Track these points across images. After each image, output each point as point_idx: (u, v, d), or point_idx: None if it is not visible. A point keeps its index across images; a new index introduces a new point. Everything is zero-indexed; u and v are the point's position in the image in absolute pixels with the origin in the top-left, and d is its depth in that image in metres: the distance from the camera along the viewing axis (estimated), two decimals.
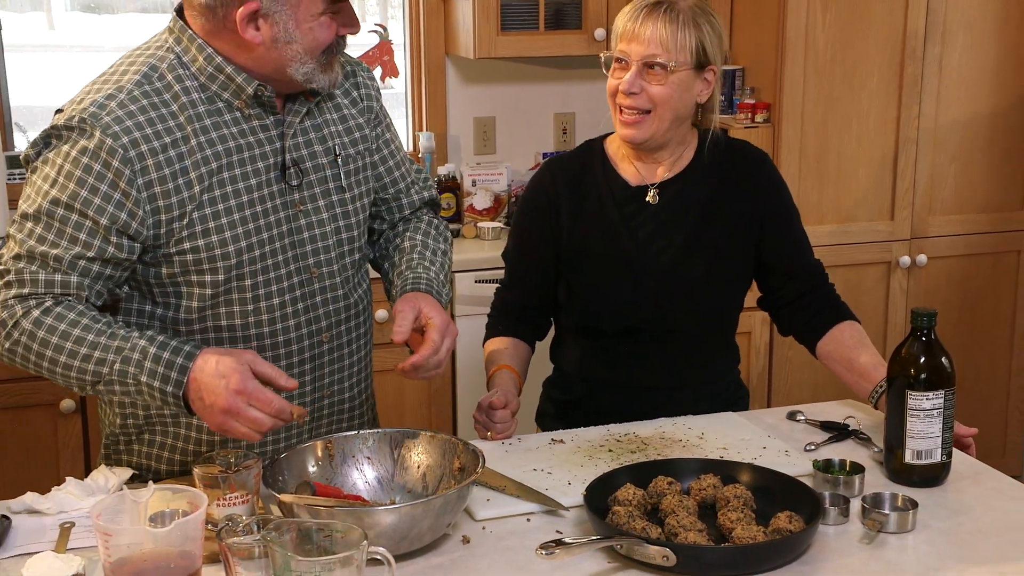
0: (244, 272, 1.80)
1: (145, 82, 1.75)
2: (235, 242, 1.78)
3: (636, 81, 2.03)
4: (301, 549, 1.41)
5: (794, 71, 3.44)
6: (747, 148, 2.21)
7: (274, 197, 1.83)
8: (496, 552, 1.61)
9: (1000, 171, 3.70)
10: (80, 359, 1.66)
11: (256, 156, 1.81)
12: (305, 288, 1.87)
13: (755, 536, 1.56)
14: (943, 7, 3.51)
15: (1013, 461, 3.89)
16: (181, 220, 1.74)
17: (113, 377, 1.66)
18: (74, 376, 1.68)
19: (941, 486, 1.82)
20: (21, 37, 3.55)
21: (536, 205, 2.20)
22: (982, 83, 3.62)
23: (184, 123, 1.75)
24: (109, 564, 1.43)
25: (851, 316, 2.16)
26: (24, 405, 2.97)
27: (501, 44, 3.49)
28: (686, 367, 2.17)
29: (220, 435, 1.81)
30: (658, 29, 2.01)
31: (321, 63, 1.79)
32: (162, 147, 1.72)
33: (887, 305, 3.66)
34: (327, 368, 1.93)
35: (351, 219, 1.93)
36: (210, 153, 1.76)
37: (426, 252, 2.01)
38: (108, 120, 1.69)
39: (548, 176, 2.20)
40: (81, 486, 1.76)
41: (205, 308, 1.81)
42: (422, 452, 1.77)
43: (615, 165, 2.17)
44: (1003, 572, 1.56)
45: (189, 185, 1.74)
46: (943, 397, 1.79)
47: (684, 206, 2.13)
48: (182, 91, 1.76)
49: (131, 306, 1.82)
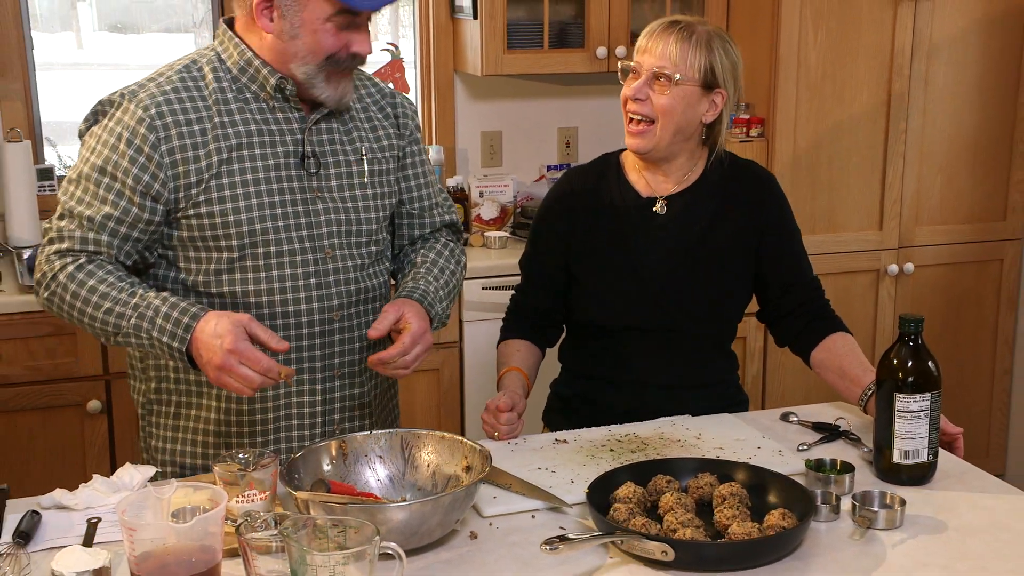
0: (257, 242, 1.87)
1: (184, 71, 1.89)
2: (248, 212, 1.86)
3: (643, 88, 2.06)
4: (316, 544, 1.41)
5: (787, 87, 3.44)
6: (753, 167, 2.23)
7: (291, 180, 1.90)
8: (502, 547, 1.61)
9: (983, 183, 3.70)
10: (103, 312, 1.78)
11: (276, 142, 1.89)
12: (319, 266, 1.92)
13: (750, 532, 1.56)
14: (928, 26, 3.51)
15: (996, 461, 3.88)
16: (199, 186, 1.83)
17: (129, 331, 1.77)
18: (98, 326, 1.80)
19: (928, 484, 1.82)
20: (51, 56, 3.56)
21: (554, 211, 2.23)
22: (966, 98, 3.61)
23: (211, 105, 1.86)
24: (133, 558, 1.43)
25: (844, 328, 2.16)
26: (53, 406, 2.97)
27: (507, 62, 3.50)
28: (685, 367, 2.18)
29: (225, 427, 1.93)
30: (670, 44, 2.04)
31: (325, 70, 1.85)
32: (187, 121, 1.83)
33: (876, 311, 3.65)
34: (337, 348, 1.96)
35: (370, 213, 1.98)
36: (231, 131, 1.86)
37: (433, 268, 2.03)
38: (143, 95, 1.83)
39: (566, 184, 2.24)
40: (107, 483, 1.76)
41: (221, 273, 1.88)
42: (432, 452, 1.77)
43: (628, 177, 2.18)
44: (986, 567, 1.55)
45: (208, 155, 1.84)
46: (930, 399, 1.79)
47: (689, 218, 2.14)
48: (215, 80, 1.88)
49: (158, 271, 1.92)
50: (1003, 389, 3.86)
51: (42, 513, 1.69)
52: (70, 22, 3.78)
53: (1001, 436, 3.89)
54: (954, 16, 3.54)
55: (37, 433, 2.98)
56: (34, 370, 2.94)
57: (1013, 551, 1.60)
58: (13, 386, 2.94)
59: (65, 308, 1.82)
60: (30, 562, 1.55)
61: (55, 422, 2.99)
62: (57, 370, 2.95)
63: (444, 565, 1.56)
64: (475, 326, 3.22)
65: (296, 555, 1.36)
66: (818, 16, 3.42)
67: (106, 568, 1.50)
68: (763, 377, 3.58)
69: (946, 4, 3.52)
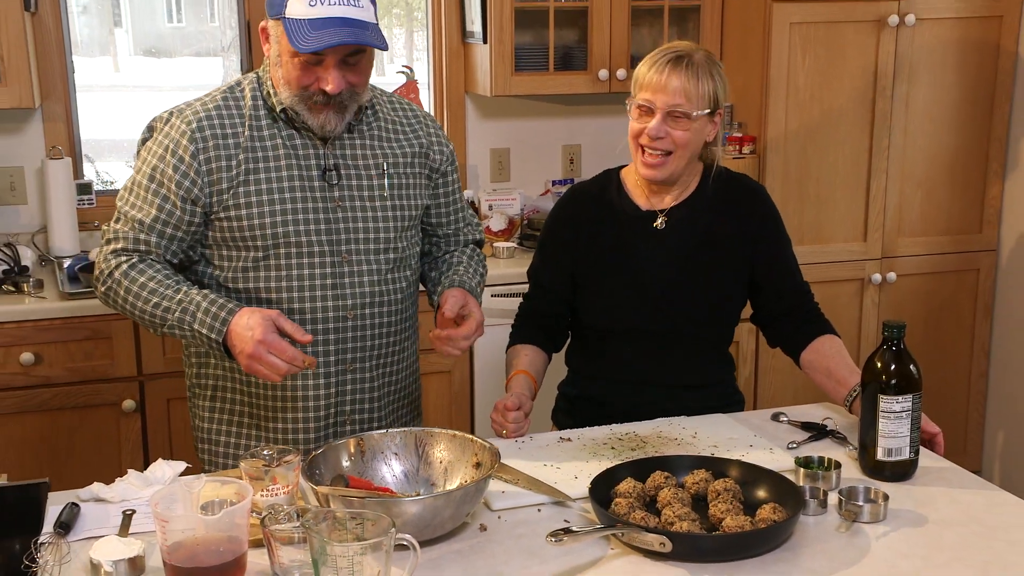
0: (279, 244, 1.93)
1: (228, 92, 1.98)
2: (271, 216, 1.92)
3: (662, 127, 2.03)
4: (336, 535, 1.41)
5: (777, 108, 3.44)
6: (746, 181, 2.22)
7: (314, 191, 1.95)
8: (510, 539, 1.61)
9: (961, 198, 3.69)
10: (152, 305, 1.87)
11: (300, 156, 1.95)
12: (336, 269, 1.97)
13: (743, 525, 1.56)
14: (910, 50, 3.50)
15: (973, 458, 3.86)
16: (229, 192, 1.91)
17: (174, 323, 1.86)
18: (147, 318, 1.89)
19: (909, 480, 1.82)
20: (91, 79, 3.57)
21: (560, 223, 2.23)
22: (944, 118, 3.61)
23: (246, 121, 1.94)
24: (165, 547, 1.43)
25: (832, 331, 2.16)
26: (90, 405, 2.97)
27: (515, 83, 3.49)
28: (684, 368, 2.17)
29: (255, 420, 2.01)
30: (682, 82, 2.01)
31: (304, 101, 1.89)
32: (223, 135, 1.92)
33: (860, 318, 3.64)
34: (349, 344, 2.00)
35: (389, 223, 2.02)
36: (258, 145, 1.93)
37: (469, 268, 2.13)
38: (188, 112, 1.94)
39: (571, 199, 2.24)
40: (141, 477, 1.76)
41: (248, 271, 1.95)
42: (444, 449, 1.77)
43: (629, 192, 2.18)
44: (963, 558, 1.55)
45: (238, 165, 1.92)
46: (911, 400, 1.78)
47: (687, 229, 2.14)
48: (252, 100, 1.96)
49: (198, 267, 2.00)
50: (979, 391, 3.85)
51: (81, 505, 1.69)
52: (108, 48, 3.79)
53: (977, 435, 3.88)
54: (932, 42, 3.53)
55: (76, 430, 2.98)
56: (73, 371, 2.95)
57: (987, 543, 1.60)
58: (54, 386, 2.94)
59: (119, 302, 1.91)
60: (70, 551, 1.55)
61: (92, 420, 2.99)
62: (94, 372, 2.96)
63: (455, 555, 1.56)
64: (486, 332, 3.21)
65: (317, 546, 1.36)
66: (806, 41, 3.42)
67: (140, 557, 1.50)
68: (755, 379, 3.57)
69: (925, 30, 3.51)
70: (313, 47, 1.80)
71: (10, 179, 3.37)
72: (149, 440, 3.05)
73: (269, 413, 2.01)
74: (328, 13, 1.80)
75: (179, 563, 1.43)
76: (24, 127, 3.36)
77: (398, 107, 2.11)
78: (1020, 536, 1.62)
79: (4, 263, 3.12)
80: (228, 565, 1.44)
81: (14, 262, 3.14)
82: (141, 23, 4.04)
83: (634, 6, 3.56)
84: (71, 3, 3.45)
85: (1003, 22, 3.58)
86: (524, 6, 3.49)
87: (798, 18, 3.39)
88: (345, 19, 1.80)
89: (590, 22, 3.53)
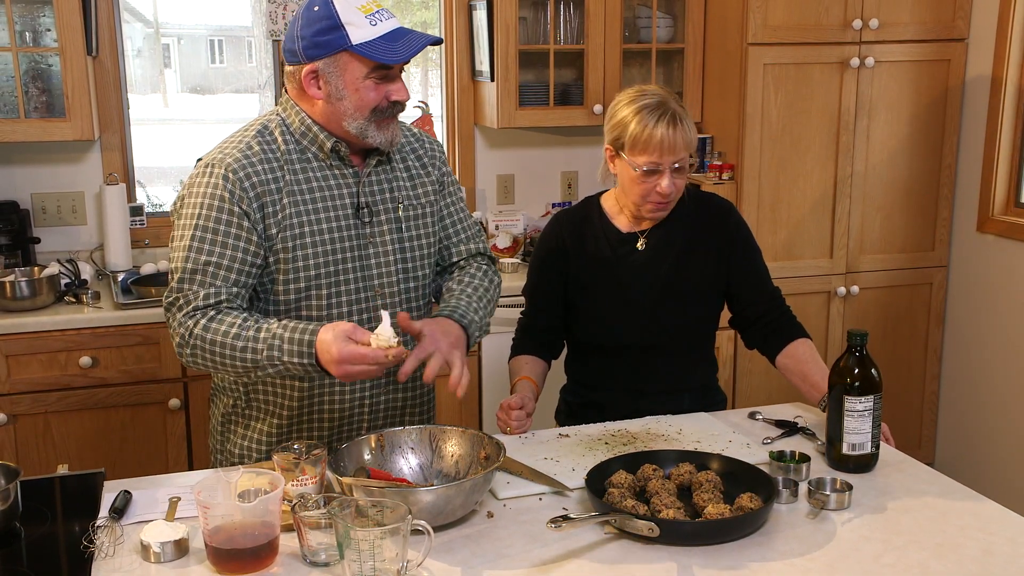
0: (320, 282, 1.83)
1: (259, 136, 1.83)
2: (314, 257, 1.82)
3: (672, 184, 2.00)
4: (358, 521, 1.40)
5: (752, 139, 3.44)
6: (715, 199, 2.20)
7: (349, 229, 1.86)
8: (515, 525, 1.60)
9: (916, 220, 3.68)
10: (239, 351, 1.71)
11: (335, 196, 1.85)
12: (370, 302, 1.89)
13: (723, 512, 1.55)
14: (869, 89, 3.50)
15: (927, 451, 3.85)
16: (278, 236, 1.79)
17: (264, 361, 1.70)
18: (239, 364, 1.72)
19: (871, 472, 1.81)
20: (143, 113, 3.57)
21: (549, 248, 2.20)
22: (900, 150, 3.60)
23: (283, 165, 1.81)
24: (207, 531, 1.43)
25: (804, 334, 2.14)
26: (140, 403, 2.97)
27: (519, 116, 3.50)
28: (670, 374, 2.16)
29: (288, 423, 1.90)
30: (681, 137, 1.96)
31: (373, 120, 1.80)
32: (265, 180, 1.79)
33: (827, 326, 3.63)
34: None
35: (411, 253, 1.93)
36: (297, 189, 1.81)
37: (467, 288, 1.97)
38: (229, 161, 1.78)
39: (556, 226, 2.20)
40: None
41: (291, 303, 1.84)
42: (455, 444, 1.76)
43: (610, 217, 2.16)
44: (918, 540, 1.54)
45: (283, 209, 1.80)
46: (873, 401, 1.78)
47: (665, 248, 2.12)
48: (283, 143, 1.83)
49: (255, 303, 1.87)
50: (932, 392, 3.83)
51: (133, 493, 1.69)
52: (158, 86, 3.80)
53: (931, 431, 3.86)
54: (890, 82, 3.53)
55: (128, 426, 2.98)
56: (125, 373, 2.95)
57: (939, 527, 1.59)
58: (108, 387, 2.94)
59: (208, 358, 1.74)
60: (123, 533, 1.55)
61: (142, 417, 2.98)
62: (144, 373, 2.96)
63: (465, 539, 1.55)
64: (491, 338, 3.20)
65: (341, 530, 1.36)
66: (778, 81, 3.42)
67: (184, 539, 1.50)
68: (733, 381, 3.55)
69: (883, 72, 3.52)
70: (404, 55, 1.71)
71: (72, 202, 3.38)
72: (192, 434, 3.04)
73: (304, 433, 1.92)
74: (390, 27, 1.74)
75: (219, 545, 1.42)
76: (85, 157, 3.37)
77: (408, 134, 2.00)
78: (969, 520, 1.61)
79: (66, 277, 3.12)
80: (262, 547, 1.43)
81: (75, 276, 3.14)
82: (187, 64, 4.05)
83: (625, 48, 3.57)
84: (127, 47, 3.46)
85: (950, 65, 3.58)
86: (527, 48, 3.50)
87: (770, 59, 3.39)
88: (402, 28, 1.76)
89: (586, 62, 3.53)
